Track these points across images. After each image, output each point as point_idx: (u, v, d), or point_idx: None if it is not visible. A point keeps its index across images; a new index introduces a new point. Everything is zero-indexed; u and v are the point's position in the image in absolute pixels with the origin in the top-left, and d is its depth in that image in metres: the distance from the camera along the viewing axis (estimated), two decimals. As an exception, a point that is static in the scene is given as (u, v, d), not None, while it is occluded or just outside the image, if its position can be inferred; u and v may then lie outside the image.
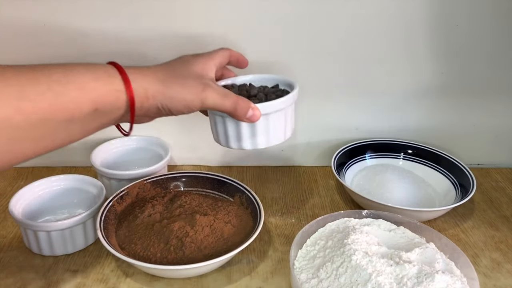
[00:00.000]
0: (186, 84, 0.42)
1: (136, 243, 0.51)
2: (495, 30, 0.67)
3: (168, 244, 0.50)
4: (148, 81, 0.41)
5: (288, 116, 0.49)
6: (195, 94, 0.42)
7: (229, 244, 0.52)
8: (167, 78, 0.42)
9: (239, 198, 0.60)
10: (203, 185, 0.63)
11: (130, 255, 0.49)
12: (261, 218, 0.54)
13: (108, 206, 0.55)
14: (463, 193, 0.62)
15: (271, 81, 0.54)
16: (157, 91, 0.41)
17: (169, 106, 0.42)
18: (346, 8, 0.64)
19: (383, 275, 0.42)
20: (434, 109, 0.73)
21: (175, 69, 0.44)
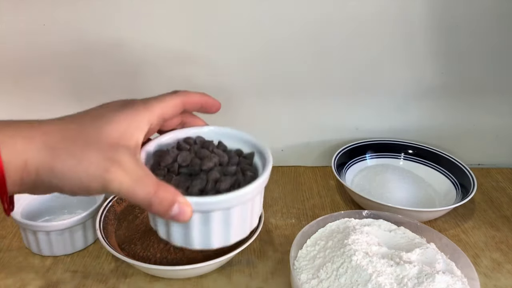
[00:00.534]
0: (84, 158, 0.29)
1: (136, 243, 0.51)
2: (496, 30, 0.67)
3: (168, 244, 0.50)
4: (31, 148, 0.29)
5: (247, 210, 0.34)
6: (94, 174, 0.29)
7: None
8: (60, 146, 0.29)
9: None
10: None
11: (129, 255, 0.49)
12: (261, 218, 0.53)
13: (108, 206, 0.55)
14: (463, 193, 0.62)
15: (240, 142, 0.40)
16: (43, 164, 0.29)
17: (60, 185, 0.30)
18: (346, 8, 0.64)
19: (383, 276, 0.42)
20: (434, 109, 0.73)
21: (79, 130, 0.31)
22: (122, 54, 0.66)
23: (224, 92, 0.70)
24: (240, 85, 0.70)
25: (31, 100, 0.69)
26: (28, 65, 0.66)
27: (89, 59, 0.66)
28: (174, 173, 0.34)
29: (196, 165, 0.34)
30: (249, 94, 0.70)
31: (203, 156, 0.35)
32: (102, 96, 0.70)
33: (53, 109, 0.70)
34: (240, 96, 0.71)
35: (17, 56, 0.65)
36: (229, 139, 0.39)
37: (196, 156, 0.35)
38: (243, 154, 0.39)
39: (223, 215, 0.32)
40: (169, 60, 0.67)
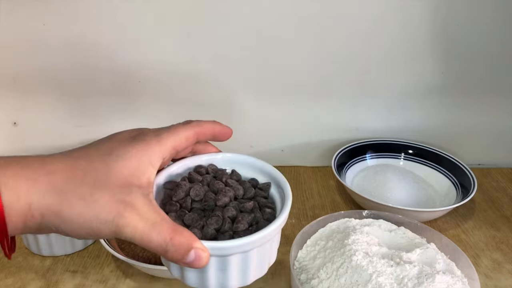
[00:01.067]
0: (94, 202, 0.27)
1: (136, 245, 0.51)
2: (496, 29, 0.67)
3: None
4: (35, 190, 0.26)
5: (267, 250, 0.33)
6: (106, 220, 0.27)
7: None
8: (67, 187, 0.27)
9: None
10: None
11: (129, 255, 0.49)
12: None
13: None
14: (464, 193, 0.62)
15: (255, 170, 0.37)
16: (48, 208, 0.26)
17: (67, 230, 0.27)
18: (346, 8, 0.64)
19: (383, 276, 0.42)
20: (434, 109, 0.73)
21: (87, 169, 0.28)
22: (123, 54, 0.66)
23: (224, 92, 0.70)
24: (240, 85, 0.70)
25: (30, 101, 0.69)
26: (28, 65, 0.66)
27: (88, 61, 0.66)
28: (187, 208, 0.32)
29: (211, 200, 0.32)
30: (249, 94, 0.70)
31: (217, 189, 0.33)
32: (102, 97, 0.70)
33: (54, 108, 0.70)
34: (240, 96, 0.71)
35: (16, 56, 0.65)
36: (243, 167, 0.37)
37: (210, 189, 0.34)
38: (259, 185, 0.36)
39: (241, 258, 0.30)
40: (169, 59, 0.67)
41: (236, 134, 0.78)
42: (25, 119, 0.70)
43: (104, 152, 0.29)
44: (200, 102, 0.70)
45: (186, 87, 0.69)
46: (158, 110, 0.71)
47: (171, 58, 0.67)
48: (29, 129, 0.71)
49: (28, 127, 0.71)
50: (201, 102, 0.70)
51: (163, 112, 0.71)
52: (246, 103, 0.71)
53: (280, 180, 0.35)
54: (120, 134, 0.32)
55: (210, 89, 0.70)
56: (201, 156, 0.36)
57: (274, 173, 0.36)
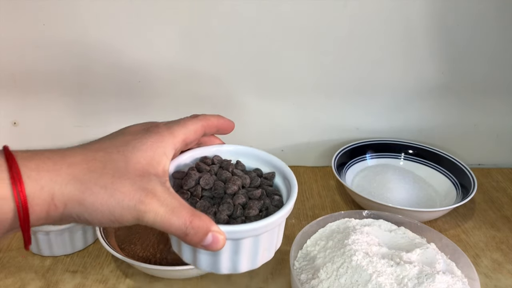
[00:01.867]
0: (116, 190, 0.28)
1: (136, 243, 0.51)
2: (496, 29, 0.67)
3: (168, 244, 0.50)
4: (57, 181, 0.27)
5: (275, 234, 0.34)
6: (128, 206, 0.28)
7: None
8: (88, 178, 0.28)
9: None
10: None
11: (129, 255, 0.49)
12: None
13: None
14: (464, 193, 0.62)
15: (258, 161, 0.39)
16: (71, 198, 0.27)
17: (89, 219, 0.28)
18: (346, 8, 0.64)
19: (383, 276, 0.42)
20: (434, 109, 0.73)
21: (105, 160, 0.29)
22: (122, 54, 0.66)
23: (224, 92, 0.70)
24: (240, 85, 0.70)
25: (30, 100, 0.69)
26: (28, 65, 0.66)
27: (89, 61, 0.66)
28: (198, 196, 0.33)
29: (220, 188, 0.34)
30: (249, 94, 0.70)
31: (225, 178, 0.35)
32: (102, 97, 0.70)
33: (54, 108, 0.70)
34: (240, 96, 0.71)
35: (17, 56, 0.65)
36: (247, 158, 0.39)
37: (218, 179, 0.35)
38: (263, 174, 0.38)
39: (253, 241, 0.32)
40: (169, 60, 0.67)
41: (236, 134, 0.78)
42: (25, 119, 0.70)
43: (120, 144, 0.31)
44: (200, 102, 0.70)
45: (186, 87, 0.69)
46: (157, 110, 0.71)
47: (171, 59, 0.67)
48: (29, 129, 0.71)
49: (28, 127, 0.71)
50: (201, 102, 0.70)
51: (163, 112, 0.71)
52: (246, 103, 0.71)
53: (285, 170, 0.37)
54: (133, 127, 0.33)
55: (210, 89, 0.70)
56: (207, 148, 0.38)
57: (278, 163, 0.38)
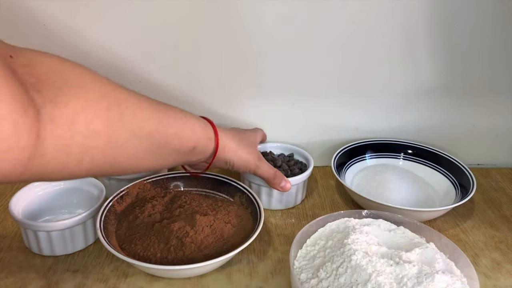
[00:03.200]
0: (251, 151, 0.56)
1: (136, 243, 0.51)
2: (496, 30, 0.67)
3: (168, 244, 0.50)
4: (228, 138, 0.53)
5: (300, 188, 0.65)
6: (254, 160, 0.56)
7: (229, 244, 0.52)
8: (239, 142, 0.55)
9: (239, 198, 0.60)
10: (203, 185, 0.63)
11: (130, 255, 0.49)
12: (261, 218, 0.54)
13: (108, 206, 0.55)
14: (463, 193, 0.62)
15: (286, 150, 0.71)
16: (232, 148, 0.53)
17: (235, 162, 0.54)
18: (346, 8, 0.64)
19: (383, 275, 0.42)
20: (434, 109, 0.73)
21: (242, 138, 0.57)
22: (122, 54, 0.66)
23: (225, 92, 0.70)
24: (240, 85, 0.70)
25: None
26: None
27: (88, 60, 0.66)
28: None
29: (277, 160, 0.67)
30: (249, 94, 0.71)
31: (272, 159, 0.68)
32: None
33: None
34: (240, 96, 0.71)
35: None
36: (274, 149, 0.72)
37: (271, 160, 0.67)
38: (286, 155, 0.70)
39: (297, 188, 0.64)
40: (169, 60, 0.67)
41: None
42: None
43: (244, 133, 0.61)
44: (200, 102, 0.71)
45: (186, 87, 0.69)
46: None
47: (171, 58, 0.67)
48: (30, 129, 0.71)
49: (28, 127, 0.71)
50: (201, 102, 0.71)
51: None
52: (246, 103, 0.71)
53: (300, 152, 0.70)
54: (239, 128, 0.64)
55: (210, 89, 0.70)
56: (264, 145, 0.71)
57: (294, 148, 0.71)
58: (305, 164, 0.68)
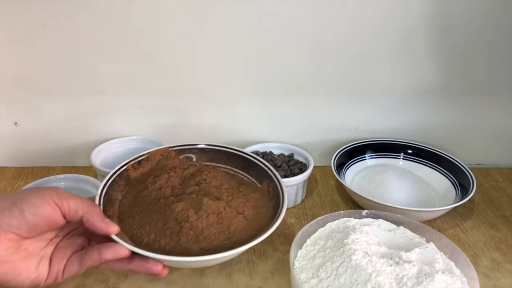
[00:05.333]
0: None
1: (135, 217, 0.45)
2: (495, 30, 0.67)
3: (166, 226, 0.44)
4: None
5: (300, 188, 0.64)
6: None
7: (233, 239, 0.44)
8: None
9: (266, 186, 0.52)
10: (233, 163, 0.55)
11: (123, 229, 0.44)
12: (279, 215, 0.45)
13: (121, 170, 0.49)
14: (463, 193, 0.62)
15: (286, 150, 0.69)
16: None
17: None
18: (346, 8, 0.64)
19: (383, 275, 0.42)
20: (434, 109, 0.73)
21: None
22: (122, 54, 0.66)
23: (224, 92, 0.70)
24: (240, 85, 0.70)
25: (31, 101, 0.69)
26: (29, 65, 0.66)
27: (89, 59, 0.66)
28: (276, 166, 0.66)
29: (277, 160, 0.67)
30: (249, 95, 0.71)
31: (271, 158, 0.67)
32: (102, 97, 0.70)
33: (54, 108, 0.70)
34: (240, 96, 0.71)
35: (17, 57, 0.65)
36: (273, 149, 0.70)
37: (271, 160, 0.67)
38: (286, 155, 0.69)
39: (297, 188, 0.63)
40: (169, 59, 0.67)
41: (236, 133, 0.78)
42: (25, 119, 0.70)
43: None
44: (200, 102, 0.71)
45: (186, 87, 0.69)
46: (158, 110, 0.71)
47: (171, 58, 0.67)
48: (29, 129, 0.71)
49: (28, 127, 0.71)
50: (201, 102, 0.71)
51: (163, 112, 0.71)
52: (246, 103, 0.71)
53: (300, 152, 0.70)
54: None
55: (210, 89, 0.70)
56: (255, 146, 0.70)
57: (294, 148, 0.70)
58: (305, 164, 0.68)
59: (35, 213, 0.37)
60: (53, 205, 0.39)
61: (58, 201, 0.39)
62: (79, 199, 0.41)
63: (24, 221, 0.37)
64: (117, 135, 0.70)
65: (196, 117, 0.72)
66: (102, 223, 0.40)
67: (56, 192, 0.39)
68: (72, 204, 0.40)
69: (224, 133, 0.73)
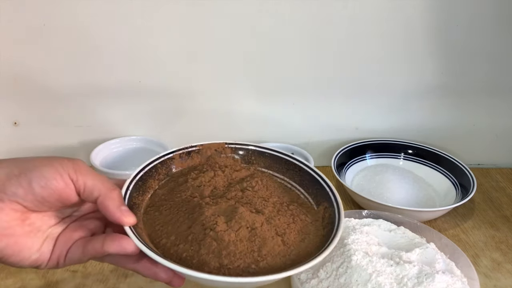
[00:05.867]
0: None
1: (162, 211, 0.40)
2: (495, 30, 0.67)
3: (190, 230, 0.37)
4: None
5: None
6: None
7: (260, 265, 0.35)
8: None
9: (323, 210, 0.42)
10: (292, 175, 0.47)
11: (146, 224, 0.39)
12: (326, 249, 0.36)
13: (166, 157, 0.44)
14: (463, 193, 0.62)
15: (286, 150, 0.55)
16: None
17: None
18: (346, 8, 0.64)
19: (383, 275, 0.42)
20: (434, 109, 0.73)
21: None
22: (122, 55, 0.66)
23: (225, 92, 0.70)
24: (240, 85, 0.70)
25: (31, 101, 0.69)
26: (29, 65, 0.66)
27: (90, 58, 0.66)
28: None
29: None
30: (249, 94, 0.71)
31: None
32: (102, 97, 0.70)
33: (54, 108, 0.70)
34: (240, 96, 0.71)
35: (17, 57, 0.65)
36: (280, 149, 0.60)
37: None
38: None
39: None
40: (170, 59, 0.67)
41: (236, 133, 0.78)
42: (25, 119, 0.70)
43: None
44: (200, 102, 0.71)
45: (186, 87, 0.69)
46: (157, 110, 0.71)
47: (171, 58, 0.67)
48: (29, 129, 0.71)
49: (28, 127, 0.71)
50: (201, 102, 0.71)
51: (163, 112, 0.71)
52: (246, 103, 0.71)
53: (300, 152, 0.69)
54: None
55: (210, 89, 0.70)
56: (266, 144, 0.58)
57: (294, 148, 0.70)
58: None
59: (44, 186, 0.33)
60: (67, 180, 0.34)
61: (73, 176, 0.34)
62: (98, 178, 0.35)
63: (32, 193, 0.33)
64: (117, 135, 0.70)
65: (196, 117, 0.72)
66: (117, 210, 0.35)
67: (73, 165, 0.35)
68: (89, 182, 0.35)
69: (224, 133, 0.73)
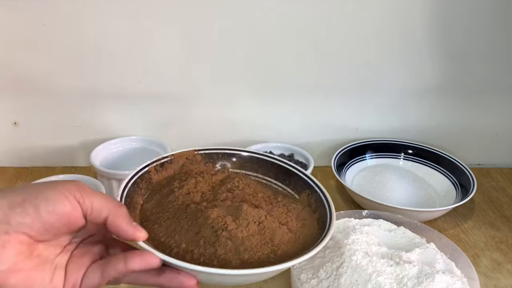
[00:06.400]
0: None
1: (161, 224, 0.40)
2: (495, 30, 0.67)
3: (199, 234, 0.38)
4: None
5: None
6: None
7: (278, 253, 0.38)
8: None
9: (307, 197, 0.46)
10: (266, 171, 0.49)
11: (149, 238, 0.37)
12: (330, 227, 0.39)
13: (142, 171, 0.44)
14: (463, 193, 0.62)
15: (286, 150, 0.70)
16: None
17: None
18: (346, 8, 0.64)
19: (383, 275, 0.42)
20: (434, 109, 0.73)
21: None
22: (122, 55, 0.66)
23: (224, 92, 0.70)
24: (240, 85, 0.70)
25: (30, 101, 0.69)
26: (29, 65, 0.66)
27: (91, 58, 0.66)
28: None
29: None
30: (249, 94, 0.71)
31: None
32: (101, 97, 0.70)
33: (54, 108, 0.70)
34: (240, 96, 0.71)
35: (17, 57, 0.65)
36: (274, 149, 0.70)
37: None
38: (286, 155, 0.70)
39: None
40: (170, 60, 0.67)
41: (236, 133, 0.78)
42: (25, 119, 0.70)
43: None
44: (200, 102, 0.71)
45: (186, 87, 0.69)
46: (157, 110, 0.71)
47: (171, 58, 0.67)
48: (29, 129, 0.71)
49: (28, 127, 0.71)
50: (201, 102, 0.71)
51: (163, 112, 0.71)
52: (246, 103, 0.71)
53: (300, 152, 0.70)
54: None
55: (209, 89, 0.70)
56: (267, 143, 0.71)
57: (294, 148, 0.71)
58: (305, 164, 0.67)
59: (52, 211, 0.31)
60: (73, 202, 0.32)
61: (80, 198, 0.32)
62: (104, 197, 0.34)
63: (39, 220, 0.30)
64: (117, 135, 0.70)
65: (196, 117, 0.72)
66: (130, 226, 0.33)
67: (77, 187, 0.33)
68: (96, 202, 0.33)
69: (225, 133, 0.73)
